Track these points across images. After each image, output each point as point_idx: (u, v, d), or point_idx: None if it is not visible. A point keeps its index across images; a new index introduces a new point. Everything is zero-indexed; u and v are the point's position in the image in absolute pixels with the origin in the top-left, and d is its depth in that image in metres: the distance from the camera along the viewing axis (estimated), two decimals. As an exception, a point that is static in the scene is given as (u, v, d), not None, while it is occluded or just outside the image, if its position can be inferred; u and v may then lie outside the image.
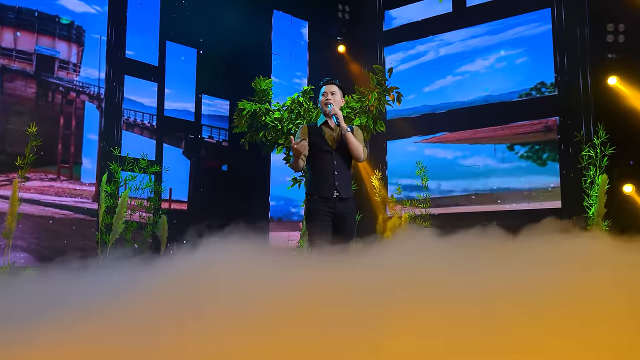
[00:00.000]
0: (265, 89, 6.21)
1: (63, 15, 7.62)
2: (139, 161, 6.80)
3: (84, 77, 7.79)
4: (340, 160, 3.88)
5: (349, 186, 3.96)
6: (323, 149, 3.85)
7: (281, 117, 6.18)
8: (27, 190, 7.25)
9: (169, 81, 8.49)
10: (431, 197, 7.71)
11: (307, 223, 3.86)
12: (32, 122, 6.26)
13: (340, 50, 9.16)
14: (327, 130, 3.90)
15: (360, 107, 6.29)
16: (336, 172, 3.84)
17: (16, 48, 7.28)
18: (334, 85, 3.98)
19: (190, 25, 8.49)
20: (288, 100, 6.18)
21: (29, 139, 7.12)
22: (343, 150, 3.86)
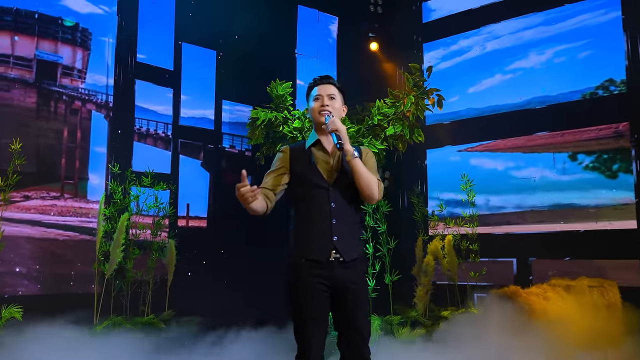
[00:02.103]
0: (282, 94, 5.32)
1: (66, 17, 6.93)
2: (142, 178, 5.97)
3: (90, 84, 7.09)
4: (342, 201, 2.65)
5: (355, 241, 2.71)
6: (314, 184, 2.65)
7: (301, 126, 5.29)
8: (27, 210, 6.59)
9: (185, 86, 7.73)
10: (479, 215, 6.70)
11: (291, 303, 2.65)
12: (16, 139, 5.52)
13: (372, 47, 8.21)
14: (321, 155, 2.72)
15: (394, 113, 5.34)
16: (334, 219, 2.60)
17: (14, 54, 6.62)
18: (331, 85, 2.81)
19: (208, 25, 7.72)
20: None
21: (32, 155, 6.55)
22: (345, 185, 2.66)
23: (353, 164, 2.61)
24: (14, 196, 6.56)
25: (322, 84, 2.81)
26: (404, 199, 7.28)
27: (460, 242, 6.41)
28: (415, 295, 6.20)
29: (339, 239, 2.60)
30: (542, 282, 5.64)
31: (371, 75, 7.94)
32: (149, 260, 5.97)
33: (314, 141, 2.76)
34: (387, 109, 5.34)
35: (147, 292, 5.82)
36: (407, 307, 6.14)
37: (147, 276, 5.86)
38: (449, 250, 6.28)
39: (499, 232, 7.18)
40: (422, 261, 6.34)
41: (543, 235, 6.87)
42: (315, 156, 2.71)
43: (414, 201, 6.63)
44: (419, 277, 6.27)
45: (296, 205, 2.70)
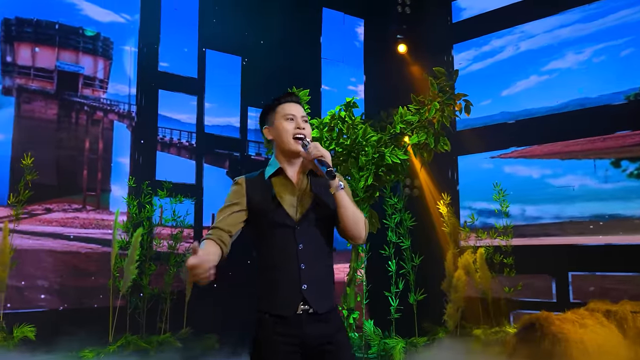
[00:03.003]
0: (299, 102, 5.04)
1: (87, 27, 6.85)
2: (158, 191, 5.79)
3: (112, 94, 7.00)
4: (311, 241, 2.18)
5: (329, 289, 2.23)
6: (276, 222, 2.18)
7: (320, 136, 5.01)
8: (49, 223, 6.52)
9: (209, 94, 7.58)
10: (513, 226, 6.29)
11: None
12: (27, 154, 5.41)
13: (400, 50, 7.87)
14: (284, 187, 2.23)
15: (418, 120, 5.01)
16: (303, 264, 2.14)
17: (35, 65, 6.56)
18: (301, 106, 2.34)
19: (233, 31, 7.54)
20: (327, 117, 5.00)
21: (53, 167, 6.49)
22: (315, 221, 2.20)
23: (339, 197, 2.16)
24: (36, 209, 6.50)
25: (293, 103, 2.30)
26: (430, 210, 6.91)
27: (493, 256, 6.03)
28: (445, 312, 5.85)
29: (309, 288, 2.13)
30: (583, 298, 5.21)
31: (400, 80, 7.61)
32: (166, 275, 5.79)
33: (276, 170, 2.26)
34: (410, 117, 5.02)
35: (164, 309, 5.63)
36: (437, 324, 5.79)
37: (164, 292, 5.67)
38: (482, 264, 5.91)
39: (535, 244, 6.74)
40: (452, 276, 5.97)
41: (583, 248, 6.39)
42: (278, 188, 2.23)
43: (443, 212, 6.25)
44: (449, 293, 5.91)
45: (257, 246, 2.23)
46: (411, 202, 6.33)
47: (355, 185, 4.91)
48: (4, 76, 6.32)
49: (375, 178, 5.04)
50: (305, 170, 2.26)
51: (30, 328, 4.85)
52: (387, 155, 4.85)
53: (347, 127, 4.97)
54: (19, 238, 6.16)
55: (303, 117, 2.27)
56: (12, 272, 5.55)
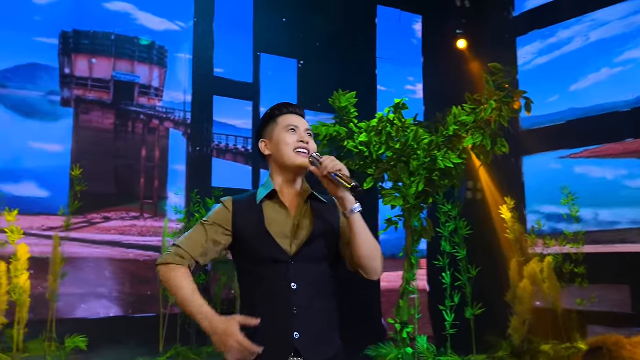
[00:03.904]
0: (345, 105, 4.82)
1: (142, 36, 6.92)
2: (206, 199, 5.72)
3: (167, 102, 7.04)
4: (309, 280, 1.83)
5: (331, 337, 1.87)
6: (266, 256, 1.83)
7: (369, 140, 4.75)
8: (108, 231, 6.62)
9: (265, 98, 7.48)
10: (585, 232, 5.79)
11: None
12: (76, 165, 5.46)
13: (460, 46, 7.48)
14: (277, 214, 1.89)
15: (474, 121, 4.66)
16: (297, 308, 1.80)
17: (92, 76, 6.69)
18: (304, 119, 2.01)
19: (287, 34, 7.42)
20: (374, 120, 4.73)
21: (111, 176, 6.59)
22: (315, 255, 1.86)
23: (354, 222, 1.79)
24: (95, 217, 6.62)
25: (295, 114, 1.99)
26: (492, 215, 6.47)
27: (563, 264, 5.56)
28: (510, 325, 5.44)
29: (303, 337, 1.78)
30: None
31: (460, 77, 7.22)
32: (216, 285, 5.70)
33: (269, 192, 1.91)
34: (465, 117, 4.67)
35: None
36: (501, 338, 5.39)
37: (214, 302, 5.58)
38: (550, 273, 5.47)
39: (610, 251, 6.18)
40: (517, 287, 5.55)
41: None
42: (269, 215, 1.87)
43: (507, 217, 5.83)
44: (514, 305, 5.50)
45: (241, 283, 1.90)
46: (468, 208, 5.94)
47: (406, 191, 4.63)
48: (63, 88, 6.45)
49: (429, 183, 4.73)
50: (305, 194, 1.93)
51: (81, 338, 4.87)
52: (440, 159, 4.53)
53: (397, 129, 4.69)
54: (79, 246, 6.29)
55: (307, 131, 1.96)
56: (71, 279, 5.63)
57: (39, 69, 6.41)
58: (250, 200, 1.93)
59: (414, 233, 4.73)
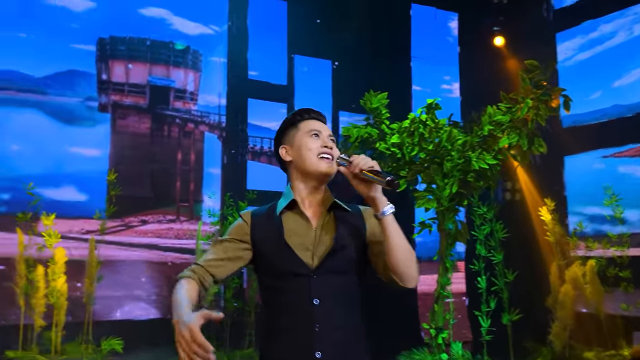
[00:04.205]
0: (377, 106, 4.74)
1: (177, 41, 6.98)
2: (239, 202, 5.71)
3: (202, 106, 7.09)
4: (332, 295, 1.71)
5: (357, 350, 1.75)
6: (286, 270, 1.72)
7: (401, 141, 4.66)
8: (145, 234, 6.70)
9: (299, 100, 7.45)
10: (631, 233, 5.54)
11: None
12: (114, 169, 5.53)
13: (497, 43, 7.28)
14: (297, 225, 1.78)
15: (510, 120, 4.52)
16: (319, 324, 1.68)
17: (128, 81, 6.78)
18: (327, 125, 1.90)
19: (321, 35, 7.37)
20: (407, 121, 4.64)
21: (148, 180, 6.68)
22: (339, 267, 1.73)
23: (387, 224, 1.66)
24: (132, 221, 6.71)
25: (317, 120, 1.89)
26: (532, 217, 6.24)
27: (606, 268, 5.33)
28: (551, 331, 5.25)
29: (326, 355, 1.66)
30: None
31: (498, 76, 7.02)
32: (250, 289, 5.69)
33: (288, 202, 1.81)
34: (500, 117, 4.53)
35: (248, 323, 5.53)
36: (541, 344, 5.21)
37: (248, 305, 5.57)
38: (592, 277, 5.26)
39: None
40: (558, 291, 5.36)
41: None
42: (289, 226, 1.76)
43: (547, 219, 5.62)
44: (555, 310, 5.31)
45: (263, 297, 1.80)
46: (506, 210, 5.77)
47: (439, 193, 4.52)
48: (100, 93, 6.56)
49: (463, 185, 4.60)
50: (327, 203, 1.82)
51: (117, 341, 4.93)
52: (474, 160, 4.40)
53: (429, 130, 4.58)
54: (117, 249, 6.39)
55: (330, 136, 1.85)
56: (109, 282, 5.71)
57: (77, 76, 6.54)
58: (269, 212, 1.83)
59: (448, 236, 4.62)
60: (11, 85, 6.18)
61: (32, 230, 4.74)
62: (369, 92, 4.81)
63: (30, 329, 4.69)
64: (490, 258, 4.84)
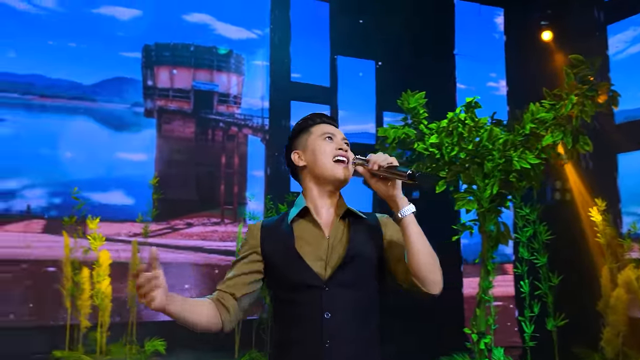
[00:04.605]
0: (414, 106, 4.65)
1: (220, 45, 7.07)
2: (279, 205, 5.72)
3: (245, 109, 7.15)
4: (345, 308, 1.62)
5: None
6: (297, 282, 1.64)
7: (440, 141, 4.56)
8: (190, 237, 6.81)
9: (342, 102, 7.42)
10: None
11: None
12: (159, 173, 5.64)
13: (545, 38, 7.03)
14: (309, 233, 1.70)
15: (554, 117, 4.34)
16: (330, 340, 1.59)
17: (173, 87, 6.92)
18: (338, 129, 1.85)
19: (364, 35, 7.33)
20: (445, 120, 4.53)
21: (193, 183, 6.79)
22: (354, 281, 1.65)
23: (407, 225, 1.59)
24: (178, 224, 6.83)
25: (331, 124, 1.85)
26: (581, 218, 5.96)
27: (661, 272, 5.05)
28: (602, 337, 5.02)
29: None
30: None
31: (546, 72, 6.78)
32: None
33: (300, 210, 1.74)
34: (544, 114, 4.36)
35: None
36: (591, 350, 4.98)
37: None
38: (646, 282, 4.99)
39: None
40: (609, 295, 5.11)
41: None
42: (300, 235, 1.69)
43: (597, 220, 5.37)
44: (606, 315, 5.06)
45: (275, 309, 1.73)
46: (553, 211, 5.54)
47: (480, 194, 4.39)
48: (146, 99, 6.71)
49: (505, 185, 4.46)
50: (341, 210, 1.74)
51: (160, 342, 5.01)
52: (515, 159, 4.25)
53: (469, 129, 4.45)
54: (163, 252, 6.51)
55: (344, 140, 1.80)
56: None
57: (124, 82, 6.71)
58: (280, 221, 1.77)
59: (489, 238, 4.48)
60: (62, 93, 6.40)
61: (77, 234, 4.87)
62: (407, 92, 4.72)
63: (76, 330, 4.83)
64: (533, 261, 4.66)
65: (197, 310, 1.60)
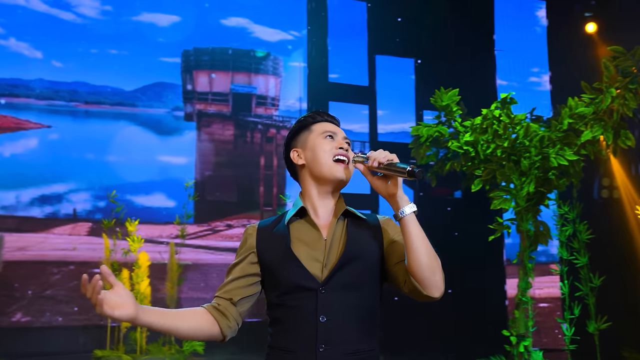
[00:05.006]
0: (447, 104, 4.57)
1: (258, 48, 7.12)
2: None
3: (283, 111, 7.19)
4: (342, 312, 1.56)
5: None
6: (291, 284, 1.59)
7: (475, 139, 4.46)
8: (230, 238, 6.88)
9: (381, 101, 7.35)
10: None
11: None
12: (201, 175, 5.73)
13: (589, 30, 6.78)
14: (306, 234, 1.65)
15: (593, 112, 4.19)
16: (323, 345, 1.53)
17: (212, 90, 7.01)
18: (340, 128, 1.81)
19: (403, 33, 7.26)
20: (479, 118, 4.42)
21: (233, 185, 6.87)
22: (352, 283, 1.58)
23: (408, 225, 1.53)
24: (218, 225, 6.92)
25: (332, 123, 1.79)
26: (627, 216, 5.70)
27: None
28: (651, 340, 4.81)
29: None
30: None
31: (591, 65, 6.54)
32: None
33: (297, 210, 1.68)
34: (583, 108, 4.21)
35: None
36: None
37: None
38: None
39: None
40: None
41: None
42: (296, 236, 1.64)
43: (645, 218, 5.13)
44: (655, 317, 4.85)
45: (269, 315, 1.66)
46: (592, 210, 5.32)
47: (516, 193, 4.27)
48: (185, 103, 6.83)
49: (543, 183, 4.32)
50: (340, 211, 1.68)
51: (198, 342, 5.07)
52: (552, 156, 4.12)
53: (504, 126, 4.33)
54: (204, 253, 6.61)
55: (345, 139, 1.74)
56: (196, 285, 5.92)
57: (164, 87, 6.85)
58: (276, 222, 1.71)
59: (527, 237, 4.35)
60: (105, 99, 6.59)
61: (116, 236, 4.99)
62: (440, 89, 4.64)
63: (117, 330, 4.95)
64: (572, 261, 4.49)
65: (184, 320, 1.57)
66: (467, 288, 6.68)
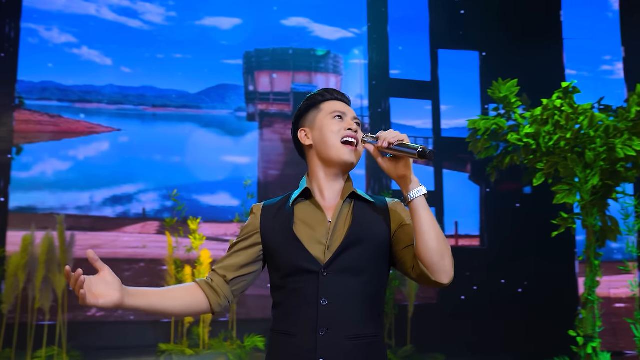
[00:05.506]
0: (505, 95, 4.41)
1: (318, 47, 7.16)
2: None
3: (344, 109, 7.17)
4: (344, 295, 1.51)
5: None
6: (293, 265, 1.53)
7: (536, 131, 4.28)
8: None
9: (444, 96, 7.22)
10: None
11: None
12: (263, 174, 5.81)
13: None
14: (310, 215, 1.59)
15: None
16: (324, 328, 1.48)
17: (273, 90, 7.10)
18: (349, 106, 1.71)
19: (467, 26, 7.09)
20: (539, 108, 4.24)
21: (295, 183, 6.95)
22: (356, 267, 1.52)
23: (418, 209, 1.47)
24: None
25: (341, 101, 1.69)
26: None
27: None
28: None
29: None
30: None
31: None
32: (387, 289, 5.59)
33: (301, 191, 1.63)
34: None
35: (386, 325, 5.45)
36: None
37: (385, 307, 5.49)
38: None
39: None
40: None
41: None
42: (300, 217, 1.59)
43: None
44: None
45: (272, 295, 1.61)
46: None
47: (581, 187, 4.06)
48: (248, 104, 6.95)
49: (611, 176, 4.09)
50: (347, 193, 1.61)
51: (259, 338, 5.14)
52: (619, 147, 3.89)
53: (566, 117, 4.13)
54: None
55: (355, 119, 1.65)
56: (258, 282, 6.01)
57: (227, 89, 7.01)
58: (282, 202, 1.65)
59: (594, 233, 4.13)
60: (171, 102, 6.82)
61: (178, 234, 5.14)
62: (498, 81, 4.48)
63: (180, 325, 5.09)
64: None
65: (174, 300, 1.56)
66: (538, 287, 6.46)
